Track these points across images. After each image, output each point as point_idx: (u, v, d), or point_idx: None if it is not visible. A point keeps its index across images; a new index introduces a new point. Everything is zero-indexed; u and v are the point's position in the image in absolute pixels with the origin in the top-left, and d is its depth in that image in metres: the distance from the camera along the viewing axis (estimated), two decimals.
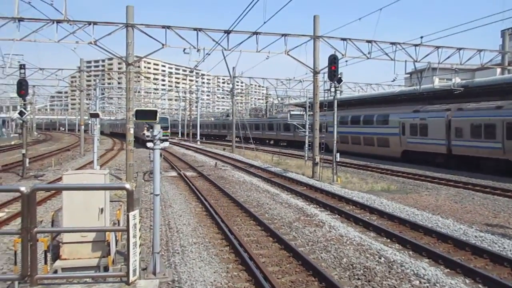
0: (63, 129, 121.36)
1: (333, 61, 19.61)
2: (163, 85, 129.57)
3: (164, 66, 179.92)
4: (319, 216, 12.71)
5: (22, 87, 21.37)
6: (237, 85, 49.17)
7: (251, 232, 11.11)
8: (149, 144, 7.87)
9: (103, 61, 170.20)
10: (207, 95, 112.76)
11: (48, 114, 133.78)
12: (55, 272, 6.11)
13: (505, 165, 21.57)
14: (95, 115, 19.20)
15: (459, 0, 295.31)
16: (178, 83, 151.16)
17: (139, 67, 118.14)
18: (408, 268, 8.10)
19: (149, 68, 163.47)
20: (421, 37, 22.57)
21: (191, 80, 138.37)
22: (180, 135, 79.71)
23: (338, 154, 20.25)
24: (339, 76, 20.14)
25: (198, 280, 7.62)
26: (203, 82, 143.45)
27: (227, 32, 19.79)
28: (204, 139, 69.06)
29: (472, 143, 23.20)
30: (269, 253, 9.38)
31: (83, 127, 38.32)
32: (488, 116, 22.39)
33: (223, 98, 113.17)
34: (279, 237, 10.16)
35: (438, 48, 23.39)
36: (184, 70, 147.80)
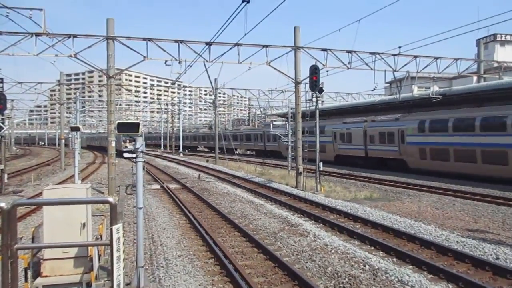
0: (43, 143, 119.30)
1: (314, 71, 19.84)
2: (145, 97, 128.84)
3: (145, 78, 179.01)
4: (303, 226, 12.74)
5: (0, 102, 21.00)
6: (220, 97, 49.20)
7: (236, 243, 11.06)
8: (126, 154, 7.80)
9: (83, 74, 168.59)
10: (190, 107, 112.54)
11: (27, 128, 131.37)
12: None
13: (401, 164, 27.89)
14: (76, 129, 18.94)
15: (436, 11, 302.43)
16: (160, 95, 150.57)
17: (120, 79, 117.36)
18: (393, 275, 8.17)
19: (130, 80, 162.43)
20: (399, 47, 23.04)
21: (173, 92, 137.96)
22: (162, 148, 79.13)
23: (321, 164, 20.40)
24: (320, 86, 20.38)
25: None
26: (185, 94, 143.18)
27: (209, 43, 19.86)
28: (187, 151, 68.75)
29: (380, 147, 29.78)
30: (254, 264, 9.34)
31: (63, 141, 37.76)
32: (389, 126, 28.92)
33: (205, 109, 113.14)
34: (264, 248, 10.14)
35: (416, 58, 23.90)
36: (166, 82, 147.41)
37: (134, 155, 7.32)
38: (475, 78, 37.56)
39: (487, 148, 21.45)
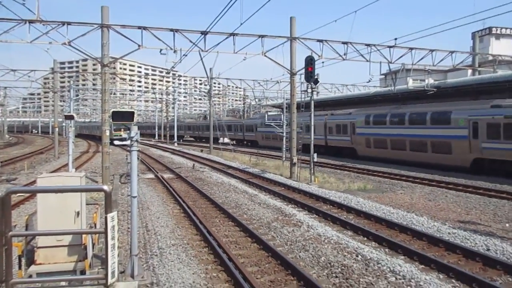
0: (36, 131, 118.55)
1: (309, 62, 19.80)
2: (139, 86, 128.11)
3: (140, 67, 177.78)
4: (297, 216, 12.81)
5: None
6: (215, 86, 49.04)
7: (230, 233, 11.12)
8: (117, 142, 7.87)
9: (77, 62, 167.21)
10: (184, 97, 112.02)
11: (20, 116, 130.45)
12: (30, 277, 5.98)
13: (353, 151, 32.57)
14: (70, 117, 18.85)
15: (432, 3, 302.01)
16: (155, 84, 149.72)
17: (114, 68, 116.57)
18: (385, 265, 8.27)
19: (125, 69, 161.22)
20: (395, 39, 23.00)
21: (167, 82, 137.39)
22: (156, 137, 78.94)
23: (315, 155, 20.46)
24: (316, 77, 20.37)
25: (177, 282, 7.59)
26: (180, 84, 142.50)
27: (204, 33, 19.74)
28: (181, 140, 68.62)
29: (337, 137, 34.44)
30: (248, 253, 9.41)
31: (57, 129, 37.56)
32: (344, 119, 33.57)
33: (200, 99, 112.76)
34: (258, 237, 10.20)
35: (411, 50, 23.90)
36: (161, 72, 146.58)
37: (124, 143, 7.34)
38: (470, 71, 37.67)
39: (413, 138, 26.31)
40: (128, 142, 7.45)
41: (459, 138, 22.80)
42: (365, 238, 10.57)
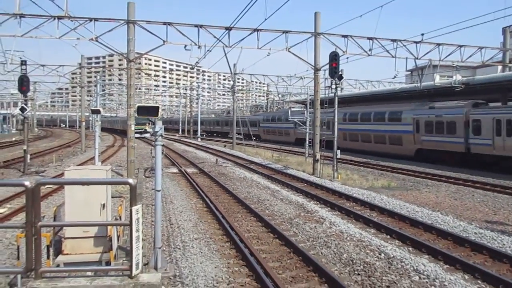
0: (64, 125, 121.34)
1: (334, 58, 19.61)
2: (164, 81, 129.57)
3: (165, 62, 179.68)
4: (319, 213, 12.76)
5: (23, 84, 21.40)
6: (238, 82, 49.36)
7: (251, 228, 11.17)
8: (136, 135, 8.02)
9: (103, 57, 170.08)
10: (208, 92, 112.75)
11: (48, 110, 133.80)
12: (58, 266, 6.15)
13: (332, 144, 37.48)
14: (96, 112, 19.20)
15: None
16: (179, 79, 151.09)
17: (140, 63, 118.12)
18: (408, 264, 8.16)
19: (149, 64, 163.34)
20: (422, 34, 22.52)
21: (192, 77, 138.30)
22: (180, 132, 79.72)
23: (338, 151, 20.30)
24: (340, 73, 20.15)
25: (199, 275, 7.67)
26: (204, 79, 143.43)
27: (228, 28, 19.77)
28: (205, 135, 69.15)
29: (322, 132, 40.12)
30: (269, 249, 9.43)
31: (84, 123, 38.36)
32: (328, 116, 37.40)
33: (223, 95, 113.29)
34: (280, 233, 10.21)
35: (439, 46, 23.34)
36: (185, 67, 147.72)
37: (142, 136, 7.47)
38: (499, 67, 36.59)
39: (376, 133, 31.27)
40: (147, 135, 7.59)
41: (407, 133, 27.95)
42: (388, 236, 10.45)
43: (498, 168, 21.98)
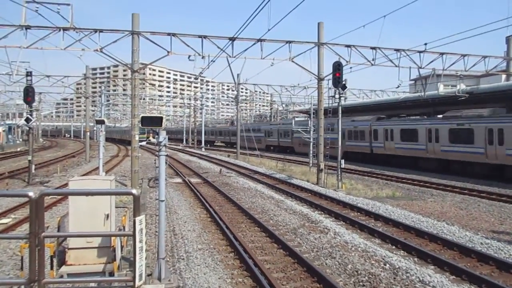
0: (68, 135, 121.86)
1: (337, 67, 19.65)
2: (168, 92, 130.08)
3: (169, 73, 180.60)
4: (324, 223, 12.69)
5: (29, 94, 21.54)
6: (242, 92, 49.52)
7: (255, 238, 11.12)
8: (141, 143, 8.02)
9: (108, 68, 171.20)
10: (212, 102, 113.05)
11: (53, 120, 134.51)
12: (61, 277, 6.13)
13: (292, 150, 46.56)
14: (101, 122, 19.27)
15: (463, 7, 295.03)
16: (183, 90, 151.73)
17: (144, 74, 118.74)
18: (413, 274, 8.07)
19: (154, 75, 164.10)
20: (425, 44, 22.51)
21: (195, 87, 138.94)
22: (184, 142, 79.81)
23: (343, 161, 20.25)
24: (344, 82, 20.17)
25: (203, 286, 7.63)
26: (208, 89, 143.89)
27: (232, 39, 19.89)
28: (208, 145, 69.18)
29: (282, 140, 51.03)
30: (274, 259, 9.38)
31: (88, 133, 38.52)
32: (286, 126, 48.62)
33: (227, 105, 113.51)
34: (284, 244, 10.16)
35: (442, 55, 23.34)
36: (189, 77, 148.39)
37: (142, 143, 7.48)
38: (503, 76, 36.51)
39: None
40: (144, 143, 7.61)
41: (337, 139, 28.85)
42: (394, 247, 10.36)
43: (389, 163, 30.60)
